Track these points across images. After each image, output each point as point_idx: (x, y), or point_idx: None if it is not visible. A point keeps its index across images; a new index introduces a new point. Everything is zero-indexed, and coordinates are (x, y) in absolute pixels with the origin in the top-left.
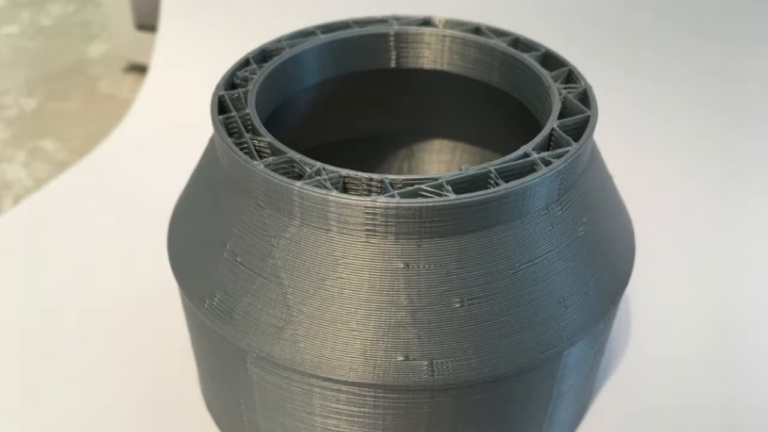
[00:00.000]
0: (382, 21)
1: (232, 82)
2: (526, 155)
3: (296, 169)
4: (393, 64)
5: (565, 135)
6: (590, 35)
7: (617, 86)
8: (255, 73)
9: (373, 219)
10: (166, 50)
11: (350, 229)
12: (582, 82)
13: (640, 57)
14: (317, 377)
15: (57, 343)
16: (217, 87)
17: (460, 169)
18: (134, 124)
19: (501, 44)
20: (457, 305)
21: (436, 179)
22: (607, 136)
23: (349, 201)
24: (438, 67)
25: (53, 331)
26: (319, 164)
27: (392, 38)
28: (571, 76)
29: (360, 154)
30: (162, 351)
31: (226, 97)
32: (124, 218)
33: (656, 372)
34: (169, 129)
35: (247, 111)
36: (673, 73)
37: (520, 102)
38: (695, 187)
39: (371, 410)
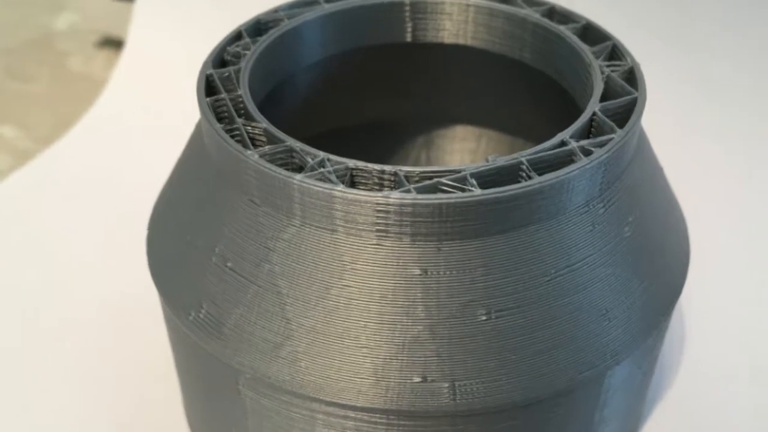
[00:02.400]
0: None
1: (221, 58)
2: (562, 144)
3: (296, 160)
4: (409, 38)
5: (608, 120)
6: (637, 4)
7: (669, 63)
8: (248, 49)
9: (386, 218)
10: (145, 22)
11: (359, 229)
12: (628, 59)
13: (695, 29)
14: (321, 401)
15: (19, 361)
16: (205, 65)
17: (487, 160)
18: (108, 107)
19: (534, 15)
20: (483, 318)
21: (458, 171)
22: (658, 122)
23: (357, 197)
24: (461, 41)
25: (14, 347)
26: (322, 154)
27: (408, 7)
28: (615, 52)
29: (370, 143)
30: (140, 370)
31: (215, 77)
32: (97, 217)
33: (715, 395)
34: (148, 113)
35: (239, 92)
36: (735, 49)
37: (556, 82)
38: (760, 180)
39: None
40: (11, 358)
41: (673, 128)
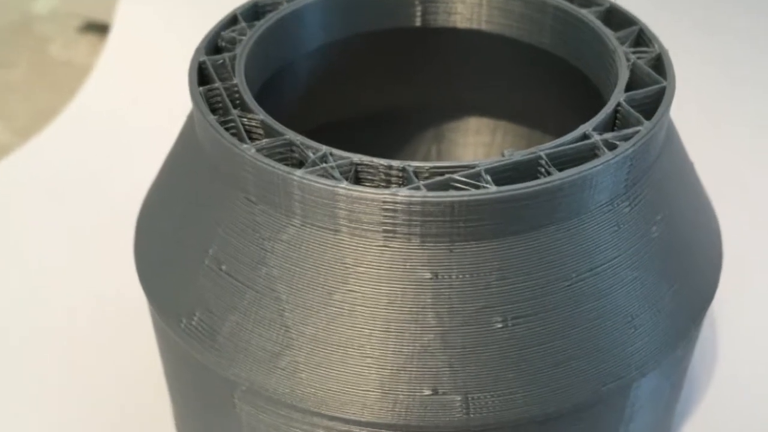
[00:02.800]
0: None
1: (215, 44)
2: (585, 137)
3: (296, 155)
4: (418, 23)
5: (634, 111)
6: None
7: (700, 49)
8: (244, 34)
9: (393, 217)
10: (133, 4)
11: (364, 229)
12: (655, 45)
13: (728, 12)
14: (322, 416)
15: None
16: (197, 51)
17: (503, 155)
18: (92, 97)
19: None
20: (499, 325)
21: (472, 167)
22: (688, 113)
23: (362, 194)
24: (474, 26)
25: None
26: (325, 148)
27: None
28: (641, 37)
29: (376, 136)
30: (127, 381)
31: (209, 64)
32: (80, 217)
33: (749, 410)
34: (136, 104)
35: (234, 81)
36: None
37: (578, 70)
38: None
39: None
40: None
41: (704, 120)
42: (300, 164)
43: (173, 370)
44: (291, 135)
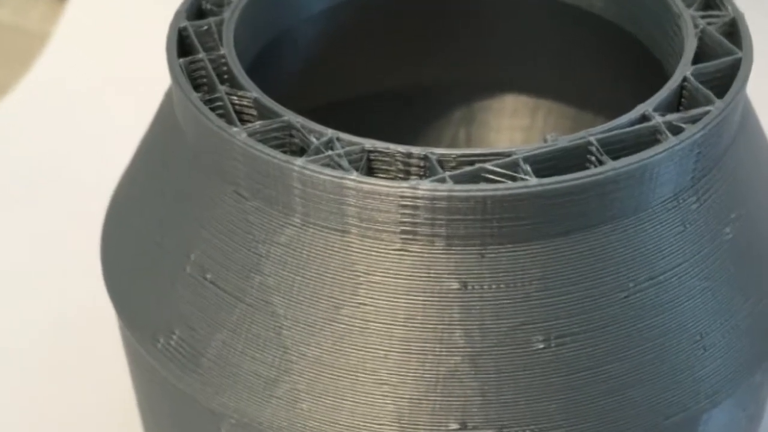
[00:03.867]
0: None
1: (198, 7)
2: (644, 118)
3: (296, 140)
4: None
5: (703, 88)
6: None
7: None
8: None
9: (413, 215)
10: None
11: (378, 230)
12: (729, 8)
13: None
14: None
15: None
16: (177, 15)
17: (545, 140)
18: (50, 71)
19: None
20: (540, 346)
21: (507, 155)
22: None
23: (376, 188)
24: None
25: None
26: (331, 132)
27: None
28: (712, 0)
29: (393, 118)
30: (91, 413)
31: (191, 31)
32: (36, 213)
33: None
34: (102, 79)
35: (222, 52)
36: None
37: (636, 38)
38: None
39: None
40: None
41: None
42: (301, 151)
43: (147, 400)
44: (290, 116)
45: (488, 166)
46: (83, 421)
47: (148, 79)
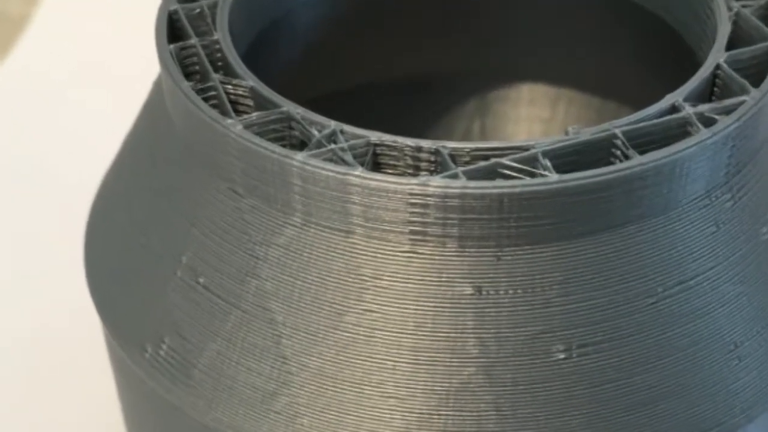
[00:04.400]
0: None
1: None
2: (673, 109)
3: (297, 133)
4: None
5: (738, 76)
6: None
7: None
8: None
9: (423, 215)
10: None
11: (385, 231)
12: None
13: None
14: None
15: None
16: None
17: (566, 132)
18: (29, 58)
19: None
20: (561, 356)
21: (526, 149)
22: None
23: (383, 184)
24: None
25: None
26: (334, 124)
27: None
28: None
29: (401, 109)
30: (75, 425)
31: (182, 15)
32: (14, 211)
33: None
34: (85, 66)
35: (215, 37)
36: None
37: (664, 22)
38: None
39: None
40: None
41: None
42: (301, 145)
43: (134, 413)
44: (289, 107)
45: (505, 161)
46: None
47: (136, 66)
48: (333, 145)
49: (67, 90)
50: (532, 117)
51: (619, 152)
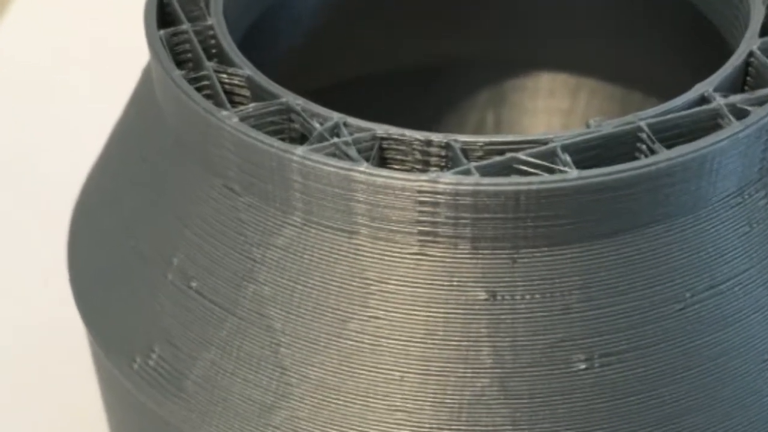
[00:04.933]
0: None
1: None
2: (703, 100)
3: (296, 125)
4: None
5: None
6: None
7: None
8: None
9: (433, 214)
10: None
11: (392, 231)
12: None
13: None
14: None
15: None
16: None
17: (587, 125)
18: (8, 43)
19: None
20: (582, 366)
21: (544, 142)
22: None
23: (390, 181)
24: None
25: None
26: (337, 116)
27: None
28: None
29: (409, 99)
30: None
31: None
32: None
33: None
34: (69, 53)
35: (209, 22)
36: None
37: (693, 6)
38: None
39: None
40: None
41: None
42: (302, 139)
43: (122, 428)
44: (289, 97)
45: (521, 155)
46: None
47: (123, 53)
48: (336, 139)
49: (50, 78)
50: (550, 108)
51: (644, 146)
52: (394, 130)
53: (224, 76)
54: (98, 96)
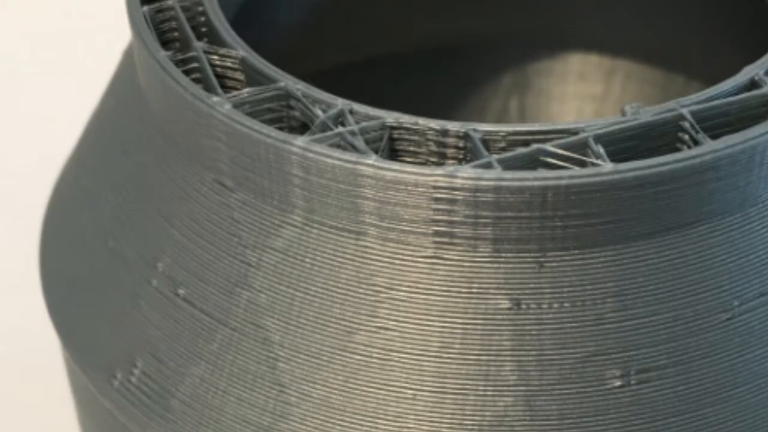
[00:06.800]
0: None
1: None
2: (753, 85)
3: (297, 113)
4: None
5: None
6: None
7: None
8: None
9: (450, 212)
10: None
11: (404, 231)
12: None
13: None
14: None
15: None
16: None
17: (623, 113)
18: None
19: None
20: (618, 383)
21: (574, 132)
22: None
23: (401, 176)
24: None
25: None
26: (341, 102)
27: None
28: None
29: (423, 84)
30: None
31: None
32: None
33: None
34: (41, 35)
35: None
36: None
37: None
38: None
39: None
40: None
41: None
42: (302, 128)
43: None
44: (288, 82)
45: (548, 147)
46: None
47: (101, 33)
48: (341, 128)
49: (20, 63)
50: (581, 94)
51: (687, 137)
52: (405, 119)
53: (215, 57)
54: (72, 81)
